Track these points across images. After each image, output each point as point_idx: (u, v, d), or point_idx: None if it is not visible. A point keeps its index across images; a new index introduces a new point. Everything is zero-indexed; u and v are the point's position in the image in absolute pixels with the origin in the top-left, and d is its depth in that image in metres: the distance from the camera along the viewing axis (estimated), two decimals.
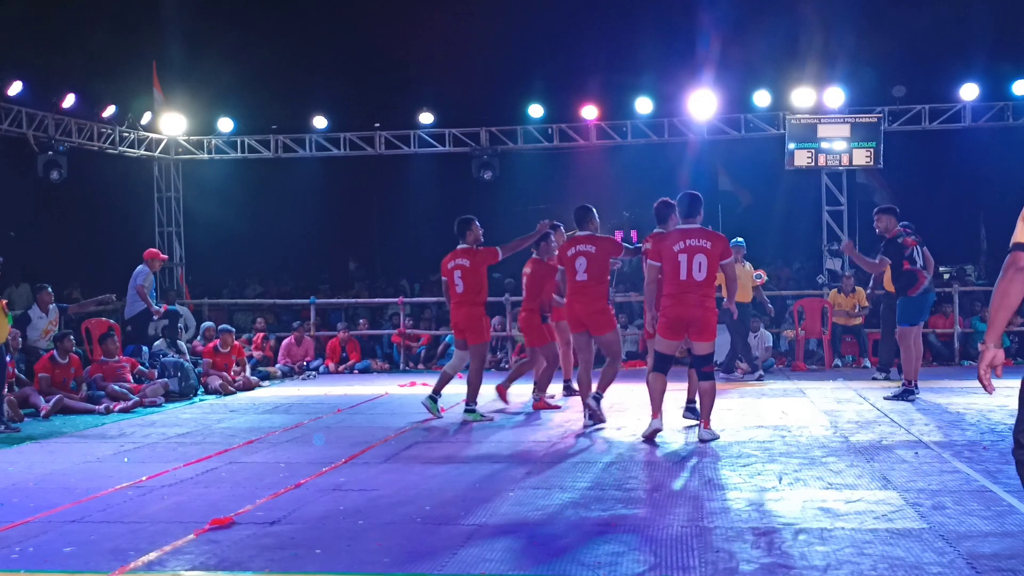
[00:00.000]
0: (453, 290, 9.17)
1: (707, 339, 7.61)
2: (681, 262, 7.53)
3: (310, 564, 4.63)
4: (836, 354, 13.80)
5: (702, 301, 7.53)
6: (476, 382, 9.18)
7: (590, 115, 16.53)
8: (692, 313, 7.51)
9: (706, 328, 7.57)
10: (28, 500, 6.10)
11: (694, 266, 7.50)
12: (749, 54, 18.52)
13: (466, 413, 9.14)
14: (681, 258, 7.53)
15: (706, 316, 7.55)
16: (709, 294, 7.59)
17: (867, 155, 15.50)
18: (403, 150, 17.56)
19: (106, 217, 20.93)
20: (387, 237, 26.83)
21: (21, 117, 14.64)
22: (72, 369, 10.88)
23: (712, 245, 7.58)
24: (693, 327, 7.55)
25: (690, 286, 7.51)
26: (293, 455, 7.54)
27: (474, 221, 9.23)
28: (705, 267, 7.51)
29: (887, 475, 6.26)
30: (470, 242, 9.16)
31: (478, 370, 9.18)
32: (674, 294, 7.58)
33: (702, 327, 7.55)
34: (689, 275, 7.51)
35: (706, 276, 7.52)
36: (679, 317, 7.54)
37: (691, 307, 7.51)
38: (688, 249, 7.54)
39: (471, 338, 9.13)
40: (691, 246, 7.54)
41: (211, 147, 17.93)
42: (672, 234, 7.78)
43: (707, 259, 7.51)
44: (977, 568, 4.32)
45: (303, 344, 14.79)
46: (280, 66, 21.32)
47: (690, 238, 7.59)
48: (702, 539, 4.86)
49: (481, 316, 9.12)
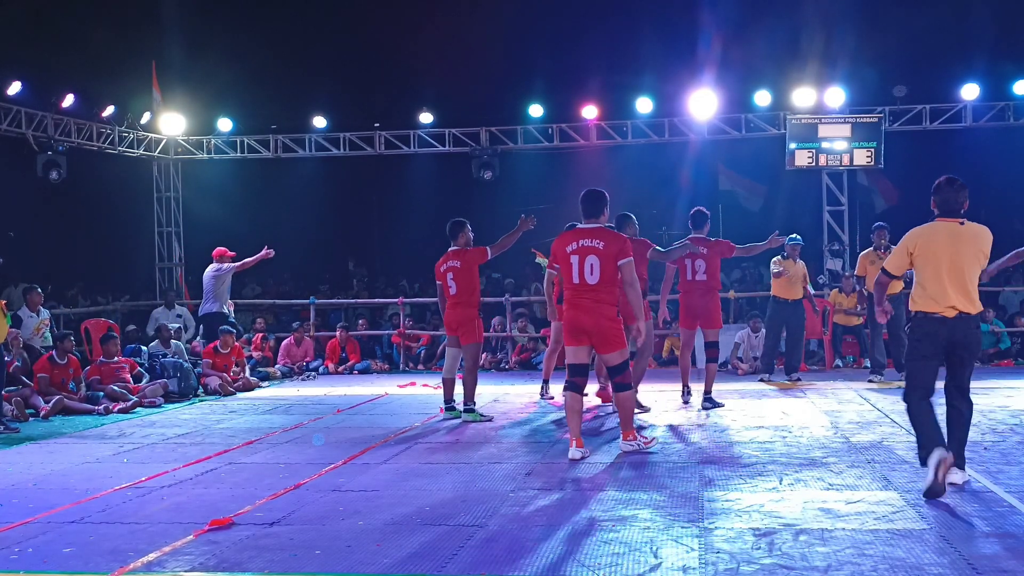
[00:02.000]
0: (447, 291, 9.21)
1: (611, 349, 6.96)
2: (573, 264, 6.98)
3: (310, 565, 4.62)
4: (837, 354, 13.80)
5: (596, 307, 6.92)
6: (471, 382, 9.21)
7: (590, 115, 16.52)
8: (586, 319, 6.94)
9: (605, 338, 6.94)
10: (28, 501, 6.09)
11: (586, 268, 6.91)
12: (750, 54, 18.50)
13: (465, 413, 9.16)
14: (573, 260, 6.98)
15: (601, 323, 6.91)
16: (605, 299, 6.96)
17: (868, 155, 15.49)
18: (403, 150, 17.55)
19: (105, 217, 20.93)
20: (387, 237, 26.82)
21: (20, 117, 14.63)
22: (71, 370, 10.87)
23: (605, 246, 6.94)
24: (594, 336, 6.97)
25: (583, 290, 6.95)
26: (293, 456, 7.53)
27: (466, 224, 9.29)
28: (598, 269, 6.90)
29: (888, 476, 6.25)
30: (461, 244, 9.23)
31: (472, 369, 9.21)
32: (569, 299, 7.06)
33: (602, 336, 6.95)
34: (582, 278, 6.94)
35: (599, 279, 6.90)
36: (575, 322, 6.99)
37: (586, 313, 6.94)
38: (581, 250, 6.97)
39: (464, 338, 9.16)
40: (584, 247, 6.97)
41: (210, 147, 17.92)
42: (567, 235, 7.20)
43: (599, 260, 6.91)
44: (978, 568, 4.32)
45: (303, 345, 14.78)
46: (280, 66, 21.30)
47: (584, 239, 7.02)
48: (703, 540, 4.85)
49: (474, 317, 9.15)
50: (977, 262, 5.82)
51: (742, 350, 13.44)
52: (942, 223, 5.85)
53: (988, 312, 14.17)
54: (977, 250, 5.81)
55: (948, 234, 5.79)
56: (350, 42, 22.28)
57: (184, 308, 15.77)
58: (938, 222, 5.87)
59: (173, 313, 15.10)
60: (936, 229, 5.84)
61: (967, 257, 5.77)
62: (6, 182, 16.97)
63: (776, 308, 11.89)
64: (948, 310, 5.74)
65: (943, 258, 5.74)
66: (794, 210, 19.10)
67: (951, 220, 5.83)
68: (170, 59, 18.16)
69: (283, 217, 23.00)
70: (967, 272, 5.77)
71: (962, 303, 5.74)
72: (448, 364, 9.47)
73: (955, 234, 5.79)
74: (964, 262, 5.75)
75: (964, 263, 5.75)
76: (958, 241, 5.77)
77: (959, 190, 5.82)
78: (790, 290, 11.73)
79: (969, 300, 5.77)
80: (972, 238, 5.81)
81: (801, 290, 11.87)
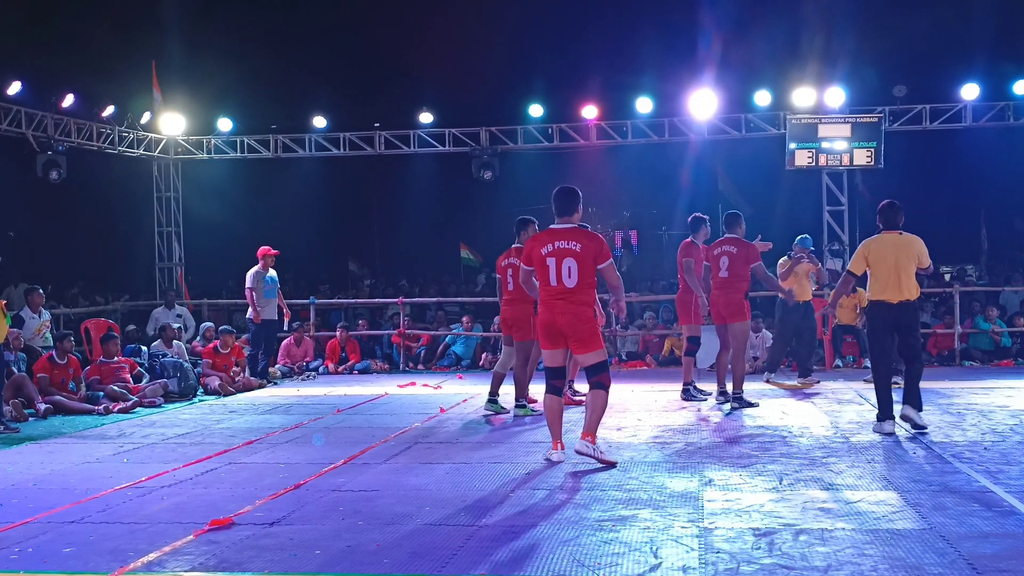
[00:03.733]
0: (505, 287, 9.32)
1: (587, 350, 6.78)
2: (550, 266, 6.76)
3: (310, 565, 4.62)
4: (837, 354, 13.79)
5: (572, 309, 6.74)
6: (521, 377, 9.30)
7: (590, 115, 16.53)
8: (562, 321, 6.76)
9: (582, 339, 6.76)
10: (28, 500, 6.09)
11: (563, 271, 6.72)
12: (750, 54, 18.53)
13: (516, 408, 9.29)
14: (550, 262, 6.77)
15: (577, 325, 6.74)
16: (582, 300, 6.78)
17: (868, 155, 15.49)
18: (403, 150, 17.55)
19: (105, 217, 20.96)
20: (387, 237, 26.85)
21: (20, 117, 14.64)
22: (71, 370, 10.87)
23: (583, 248, 6.73)
24: (570, 338, 6.81)
25: (560, 292, 6.76)
26: (293, 456, 7.53)
27: (532, 222, 9.35)
28: (576, 272, 6.71)
29: (888, 476, 6.25)
30: (523, 242, 9.24)
31: (522, 365, 9.29)
32: (544, 301, 6.88)
33: (578, 338, 6.77)
34: (559, 280, 6.74)
35: (577, 282, 6.72)
36: (551, 325, 6.82)
37: (561, 315, 6.76)
38: (557, 252, 6.76)
39: (517, 335, 9.23)
40: (560, 248, 6.76)
41: (210, 147, 17.93)
42: (540, 236, 7.02)
43: (577, 263, 6.71)
44: (978, 568, 4.32)
45: (303, 344, 14.77)
46: (280, 66, 21.33)
47: (559, 240, 6.80)
48: (703, 540, 4.85)
49: (529, 314, 9.15)
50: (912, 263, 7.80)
51: None
52: (887, 234, 7.89)
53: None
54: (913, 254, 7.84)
55: (892, 244, 7.85)
56: (350, 42, 22.30)
57: (184, 308, 15.77)
58: (884, 233, 7.91)
59: (173, 313, 15.10)
60: (883, 240, 7.90)
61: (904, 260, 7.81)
62: (6, 182, 16.99)
63: (787, 309, 11.63)
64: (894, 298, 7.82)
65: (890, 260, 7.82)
66: (794, 210, 19.12)
67: (893, 232, 7.90)
68: (170, 59, 18.19)
69: (283, 217, 23.03)
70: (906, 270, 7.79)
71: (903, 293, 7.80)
72: (503, 360, 9.59)
73: (896, 242, 7.86)
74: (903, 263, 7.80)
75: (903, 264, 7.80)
76: (898, 248, 7.83)
77: (898, 211, 7.95)
78: (799, 291, 11.45)
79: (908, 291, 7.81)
80: (907, 245, 7.85)
81: (810, 290, 11.75)
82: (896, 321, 7.78)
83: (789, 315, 11.72)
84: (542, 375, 7.28)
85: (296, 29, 22.39)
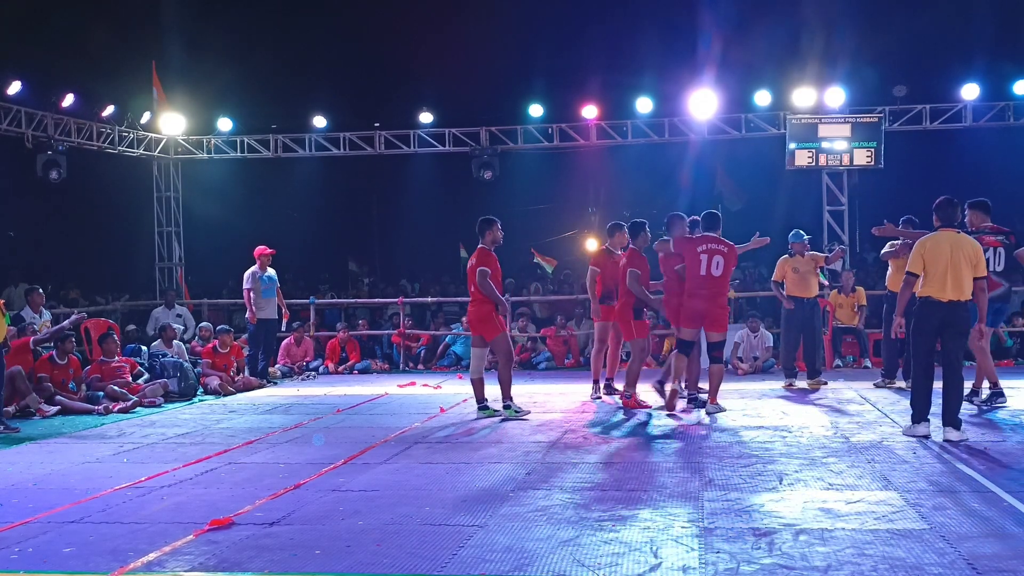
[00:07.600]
0: (469, 287, 9.34)
1: (719, 329, 9.20)
2: (703, 260, 9.00)
3: (310, 564, 4.62)
4: (837, 354, 13.79)
5: (713, 297, 9.12)
6: (505, 377, 9.27)
7: (590, 115, 16.52)
8: (704, 306, 9.07)
9: (716, 320, 9.17)
10: (28, 500, 6.09)
11: (712, 265, 8.95)
12: (750, 54, 18.50)
13: (504, 410, 9.21)
14: (703, 258, 9.01)
15: (714, 310, 9.14)
16: (722, 291, 9.19)
17: (868, 155, 15.49)
18: (403, 150, 17.55)
19: (105, 217, 20.93)
20: (387, 237, 26.82)
21: (20, 117, 14.64)
22: (71, 370, 10.87)
23: (728, 250, 9.07)
24: (706, 319, 9.14)
25: (707, 282, 9.01)
26: (293, 455, 7.53)
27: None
28: (721, 266, 8.98)
29: (888, 476, 6.25)
30: (487, 243, 9.28)
31: (505, 365, 9.27)
32: (690, 290, 9.11)
33: (713, 319, 9.20)
34: (708, 272, 8.97)
35: (721, 273, 9.05)
36: (696, 309, 9.09)
37: (705, 301, 9.08)
38: (709, 251, 9.02)
39: (488, 334, 9.22)
40: (711, 249, 9.03)
41: (210, 147, 17.93)
42: (697, 239, 9.22)
43: (723, 260, 9.00)
44: (978, 568, 4.32)
45: (302, 344, 14.77)
46: (280, 66, 21.31)
47: (711, 243, 9.12)
48: (703, 539, 4.85)
49: (492, 312, 9.17)
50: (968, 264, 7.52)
51: (742, 350, 13.42)
52: (944, 232, 7.65)
53: None
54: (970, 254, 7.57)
55: (949, 242, 7.56)
56: (350, 42, 22.29)
57: (184, 308, 15.77)
58: (941, 231, 7.67)
59: (173, 313, 15.11)
60: (939, 238, 7.63)
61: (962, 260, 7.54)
62: (6, 182, 16.98)
63: (792, 307, 11.20)
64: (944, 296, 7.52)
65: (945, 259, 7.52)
66: (794, 210, 19.10)
67: (950, 229, 7.66)
68: (170, 59, 18.18)
69: (283, 217, 23.00)
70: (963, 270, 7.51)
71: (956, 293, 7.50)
72: (474, 365, 9.47)
73: (953, 241, 7.57)
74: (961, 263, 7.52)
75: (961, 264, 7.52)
76: (954, 246, 7.54)
77: (956, 208, 7.77)
78: (804, 288, 11.18)
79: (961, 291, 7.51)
80: (966, 245, 7.58)
81: (816, 287, 11.38)
82: (942, 321, 7.46)
83: (795, 312, 11.20)
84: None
85: (296, 29, 22.38)
